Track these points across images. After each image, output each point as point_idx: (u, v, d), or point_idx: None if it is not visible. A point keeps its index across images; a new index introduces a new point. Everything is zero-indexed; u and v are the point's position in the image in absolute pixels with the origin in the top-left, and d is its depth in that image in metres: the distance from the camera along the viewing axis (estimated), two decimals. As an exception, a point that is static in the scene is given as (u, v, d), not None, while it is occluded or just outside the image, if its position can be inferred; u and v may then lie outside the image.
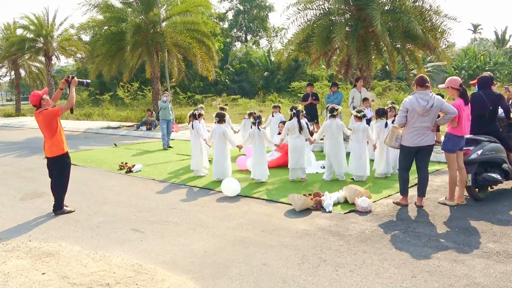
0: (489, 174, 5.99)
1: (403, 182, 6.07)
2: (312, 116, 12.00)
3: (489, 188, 6.45)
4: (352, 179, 7.67)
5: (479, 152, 5.99)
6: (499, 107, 6.44)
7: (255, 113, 9.91)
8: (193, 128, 8.62)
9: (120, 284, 3.94)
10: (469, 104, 5.93)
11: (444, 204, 6.00)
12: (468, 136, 6.45)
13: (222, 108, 10.47)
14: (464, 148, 6.08)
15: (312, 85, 13.39)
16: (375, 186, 7.26)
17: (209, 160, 9.41)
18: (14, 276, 4.16)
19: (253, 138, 7.84)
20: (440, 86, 6.23)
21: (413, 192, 6.76)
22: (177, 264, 4.39)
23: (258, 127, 7.82)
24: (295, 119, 7.64)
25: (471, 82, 7.02)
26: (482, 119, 6.34)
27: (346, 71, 14.04)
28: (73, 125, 21.00)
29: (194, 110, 9.01)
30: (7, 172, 9.63)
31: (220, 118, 8.15)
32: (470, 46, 40.00)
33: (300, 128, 7.58)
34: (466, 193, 6.32)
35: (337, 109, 7.78)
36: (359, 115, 7.70)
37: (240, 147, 8.19)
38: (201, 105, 10.94)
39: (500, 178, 6.05)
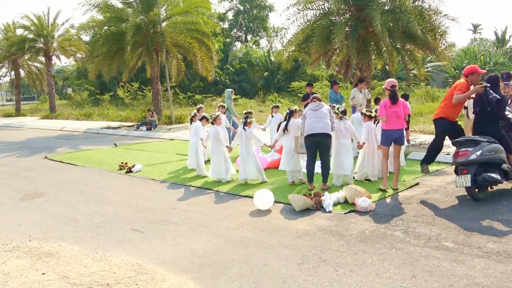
0: (488, 174, 5.99)
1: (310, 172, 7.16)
2: None
3: (488, 188, 6.45)
4: (353, 177, 7.64)
5: (478, 153, 5.98)
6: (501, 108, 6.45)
7: (250, 113, 9.90)
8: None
9: (120, 284, 3.94)
10: (398, 103, 6.73)
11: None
12: (467, 137, 6.47)
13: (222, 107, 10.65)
14: (462, 149, 6.12)
15: (312, 85, 13.32)
16: (375, 186, 7.25)
17: (208, 160, 9.41)
18: (14, 276, 4.16)
19: (240, 138, 7.78)
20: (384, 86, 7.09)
21: (413, 192, 6.78)
22: (177, 264, 4.39)
23: (243, 127, 7.72)
24: (285, 120, 7.61)
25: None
26: (483, 119, 6.36)
27: (346, 71, 14.04)
28: (73, 125, 21.00)
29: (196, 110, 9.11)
30: (7, 172, 9.63)
31: (207, 118, 8.29)
32: (470, 46, 40.02)
33: (285, 128, 7.51)
34: (466, 193, 6.33)
35: (343, 111, 7.57)
36: (368, 114, 7.62)
37: (229, 149, 8.13)
38: (201, 105, 10.87)
39: (500, 178, 6.05)
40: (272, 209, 6.20)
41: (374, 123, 7.78)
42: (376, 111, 8.13)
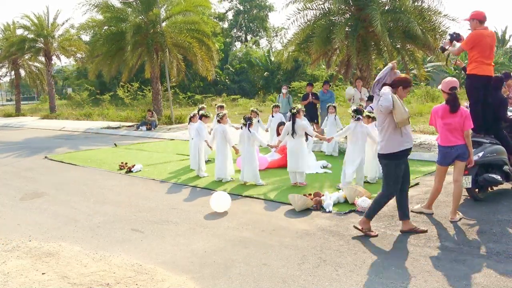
0: (489, 175, 5.98)
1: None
2: (312, 116, 11.96)
3: (489, 188, 6.45)
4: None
5: (480, 154, 5.98)
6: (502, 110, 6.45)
7: (256, 111, 9.87)
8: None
9: (120, 284, 3.94)
10: (457, 113, 5.27)
11: (421, 212, 5.68)
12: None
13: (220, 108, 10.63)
14: None
15: (312, 85, 13.37)
16: (375, 186, 7.25)
17: (209, 160, 9.44)
18: (14, 276, 4.16)
19: (243, 140, 7.70)
20: (439, 87, 5.95)
21: (413, 192, 6.78)
22: (177, 264, 4.39)
23: (248, 129, 7.60)
24: (290, 122, 7.35)
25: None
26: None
27: (346, 71, 14.04)
28: (73, 125, 21.00)
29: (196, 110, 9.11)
30: (7, 172, 9.63)
31: (207, 116, 8.32)
32: (470, 46, 40.09)
33: (293, 132, 7.23)
34: (466, 194, 6.32)
35: (362, 111, 7.22)
36: (371, 115, 7.34)
37: (236, 150, 8.10)
38: (202, 105, 10.78)
39: (501, 179, 6.04)
40: (272, 209, 6.20)
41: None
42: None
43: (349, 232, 5.10)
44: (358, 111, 7.14)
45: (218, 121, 8.10)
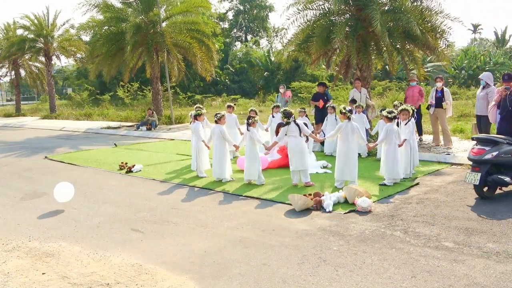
0: (499, 176, 5.95)
1: None
2: (323, 116, 11.48)
3: (497, 189, 6.41)
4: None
5: (495, 153, 5.95)
6: None
7: (254, 111, 9.84)
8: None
9: (120, 284, 3.95)
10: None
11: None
12: (485, 136, 6.44)
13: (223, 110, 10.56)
14: (479, 147, 6.10)
15: (325, 85, 12.64)
16: (375, 186, 7.25)
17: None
18: (14, 276, 4.17)
19: (245, 139, 7.75)
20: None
21: (413, 192, 6.78)
22: (177, 264, 4.39)
23: (247, 128, 7.65)
24: (293, 123, 7.33)
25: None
26: (503, 119, 6.39)
27: (346, 71, 14.01)
28: (73, 125, 21.00)
29: (194, 110, 9.03)
30: (7, 172, 9.63)
31: (196, 115, 8.27)
32: (470, 46, 40.06)
33: (299, 131, 7.27)
34: (466, 193, 6.33)
35: (350, 111, 7.26)
36: (389, 116, 7.29)
37: (237, 148, 8.13)
38: (199, 105, 10.64)
39: (510, 181, 6.00)
40: (272, 209, 6.20)
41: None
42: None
43: (349, 232, 5.10)
44: (349, 110, 7.18)
45: (216, 122, 8.09)
